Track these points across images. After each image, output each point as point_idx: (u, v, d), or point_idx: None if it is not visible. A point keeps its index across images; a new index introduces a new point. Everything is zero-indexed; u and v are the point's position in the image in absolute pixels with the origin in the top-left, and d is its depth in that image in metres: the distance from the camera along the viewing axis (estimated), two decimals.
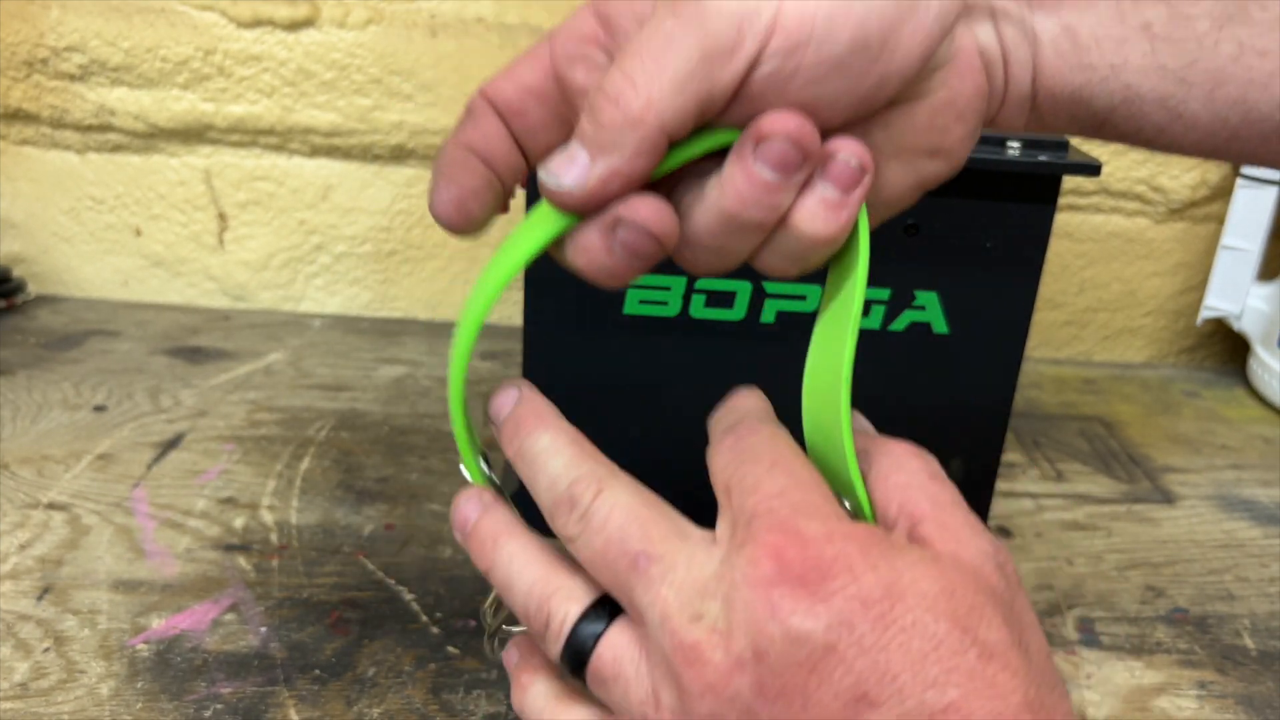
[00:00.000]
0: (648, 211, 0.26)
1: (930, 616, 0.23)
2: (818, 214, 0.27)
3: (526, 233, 0.28)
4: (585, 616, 0.27)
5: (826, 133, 0.27)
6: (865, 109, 0.28)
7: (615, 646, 0.26)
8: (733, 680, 0.23)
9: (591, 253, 0.27)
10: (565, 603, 0.27)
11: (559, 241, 0.28)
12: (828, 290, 0.31)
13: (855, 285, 0.28)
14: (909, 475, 0.27)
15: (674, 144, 0.26)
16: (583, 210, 0.27)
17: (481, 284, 0.29)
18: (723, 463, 0.27)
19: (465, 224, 0.30)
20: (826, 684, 0.22)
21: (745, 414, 0.29)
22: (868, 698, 0.22)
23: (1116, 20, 0.29)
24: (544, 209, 0.28)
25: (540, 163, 0.27)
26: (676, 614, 0.24)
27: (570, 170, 0.26)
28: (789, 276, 0.29)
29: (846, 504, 0.27)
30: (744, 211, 0.26)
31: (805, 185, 0.27)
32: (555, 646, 0.28)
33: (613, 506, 0.27)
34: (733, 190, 0.26)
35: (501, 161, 0.30)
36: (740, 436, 0.28)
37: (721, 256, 0.28)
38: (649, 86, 0.25)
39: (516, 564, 0.29)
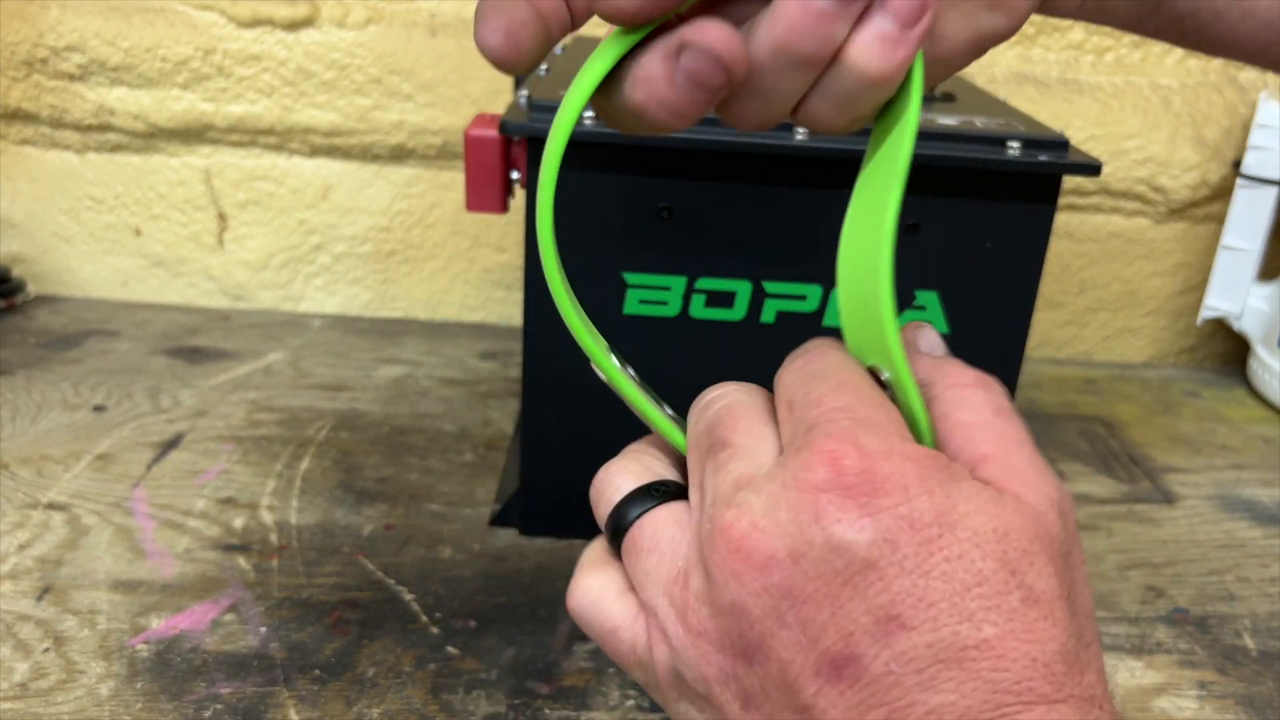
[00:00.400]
0: (714, 34, 0.24)
1: (979, 553, 0.22)
2: (874, 49, 0.25)
3: (592, 63, 0.26)
4: (635, 493, 0.28)
5: None
6: None
7: (657, 521, 0.27)
8: (763, 575, 0.23)
9: (653, 83, 0.25)
10: (620, 477, 0.29)
11: (620, 80, 0.26)
12: (871, 146, 0.28)
13: (904, 140, 0.26)
14: (973, 411, 0.26)
15: None
16: (640, 16, 0.24)
17: (557, 123, 0.27)
18: (789, 380, 0.27)
19: (515, 56, 0.26)
20: (859, 597, 0.22)
21: (819, 343, 0.28)
22: (900, 619, 0.22)
23: None
24: (607, 40, 0.26)
25: None
26: (723, 500, 0.24)
27: None
28: (836, 128, 0.27)
29: (885, 374, 0.26)
30: (796, 42, 0.24)
31: (862, 17, 0.25)
32: (603, 514, 0.29)
33: (725, 400, 0.27)
34: (785, 19, 0.24)
35: (546, 3, 0.27)
36: (810, 358, 0.27)
37: (769, 101, 0.26)
38: None
39: (615, 456, 0.30)
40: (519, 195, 0.53)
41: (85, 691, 0.44)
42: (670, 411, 0.32)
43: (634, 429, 0.57)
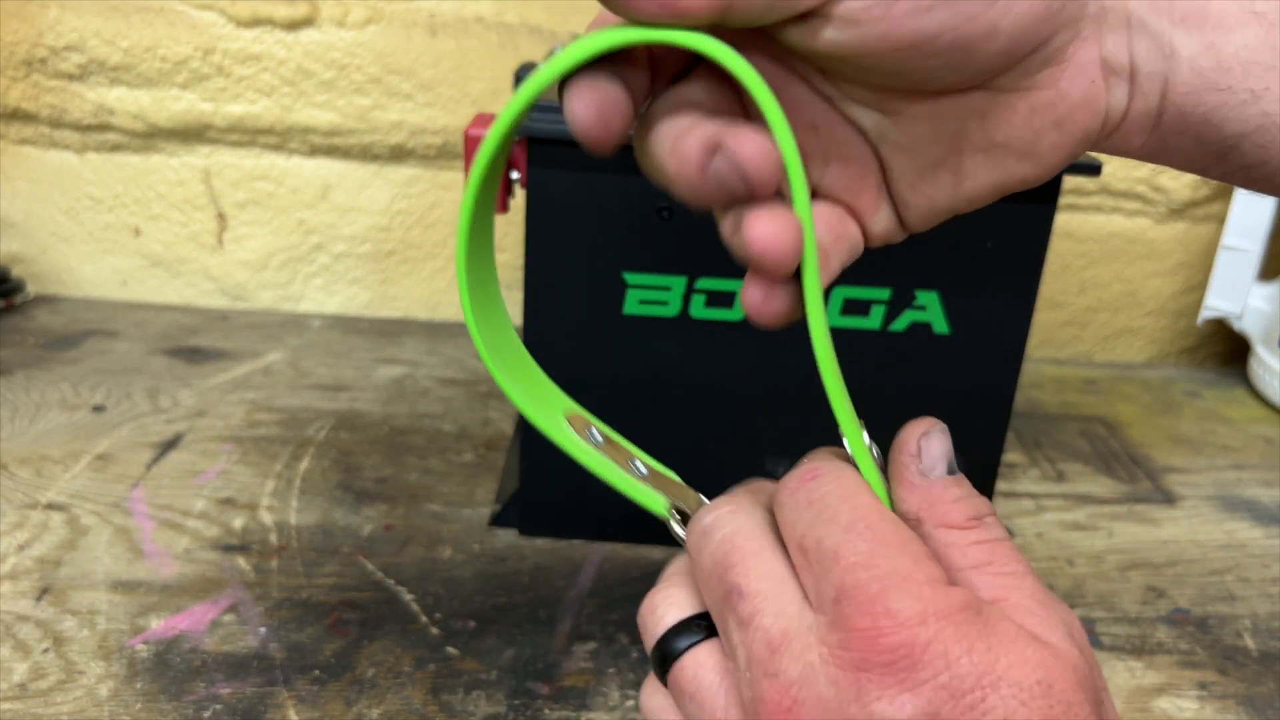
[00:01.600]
0: (750, 148, 0.24)
1: (1025, 712, 0.22)
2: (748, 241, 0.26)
3: (598, 34, 0.25)
4: (682, 625, 0.27)
5: (910, 91, 0.27)
6: (966, 67, 0.26)
7: (699, 663, 0.26)
8: None
9: (687, 166, 0.25)
10: (668, 607, 0.28)
11: (658, 141, 0.26)
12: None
13: (810, 293, 0.26)
14: (968, 557, 0.25)
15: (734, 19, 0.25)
16: (647, 13, 0.24)
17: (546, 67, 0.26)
18: (793, 515, 0.26)
19: (606, 136, 0.26)
20: None
21: (817, 464, 0.27)
22: None
23: (1266, 45, 0.27)
24: (606, 30, 0.25)
25: None
26: (759, 665, 0.24)
27: None
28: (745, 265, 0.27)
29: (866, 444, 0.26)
30: (680, 181, 0.26)
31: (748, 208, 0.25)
32: (649, 645, 0.28)
33: (725, 529, 0.27)
34: (676, 158, 0.25)
35: (633, 76, 0.27)
36: (804, 481, 0.26)
37: (665, 187, 0.27)
38: None
39: (667, 575, 0.30)
40: (519, 195, 0.53)
41: (84, 692, 0.44)
42: (641, 468, 0.31)
43: (633, 430, 0.56)
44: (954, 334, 0.53)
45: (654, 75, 0.27)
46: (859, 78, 0.27)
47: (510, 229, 0.88)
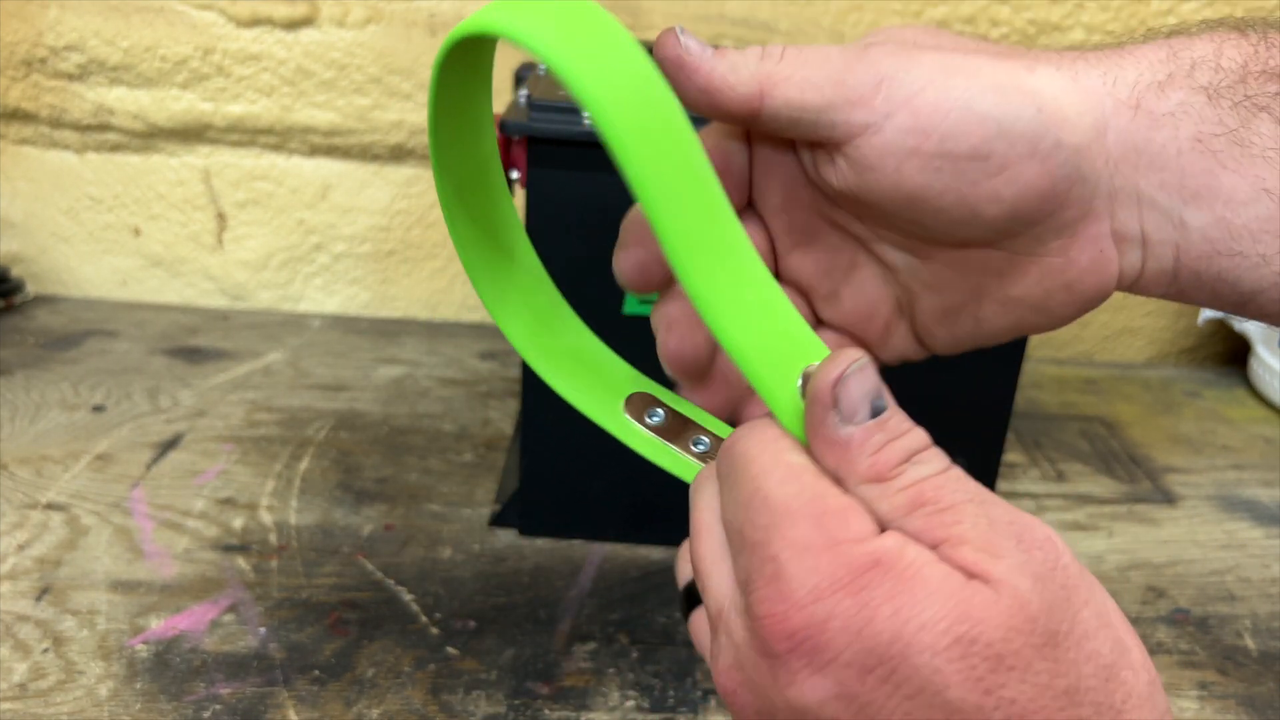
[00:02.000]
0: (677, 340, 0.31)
1: (940, 679, 0.20)
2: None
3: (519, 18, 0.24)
4: (691, 585, 0.29)
5: (927, 238, 0.29)
6: (973, 224, 0.28)
7: (698, 625, 0.29)
8: None
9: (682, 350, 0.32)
10: (684, 563, 0.31)
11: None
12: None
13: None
14: (896, 506, 0.23)
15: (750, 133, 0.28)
16: (671, 66, 0.27)
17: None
18: (715, 489, 0.26)
19: (645, 287, 0.31)
20: None
21: (738, 442, 0.26)
22: None
23: (1276, 219, 0.28)
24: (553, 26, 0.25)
25: (681, 28, 0.28)
26: (711, 646, 0.25)
27: (697, 44, 0.27)
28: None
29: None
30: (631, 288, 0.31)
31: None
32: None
33: (696, 501, 0.27)
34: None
35: None
36: (724, 451, 0.26)
37: None
38: (789, 69, 0.27)
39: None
40: (519, 194, 0.53)
41: (84, 692, 0.44)
42: (705, 442, 0.31)
43: None
44: None
45: None
46: (880, 219, 0.29)
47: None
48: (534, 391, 0.55)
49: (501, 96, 0.84)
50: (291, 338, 0.84)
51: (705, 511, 0.26)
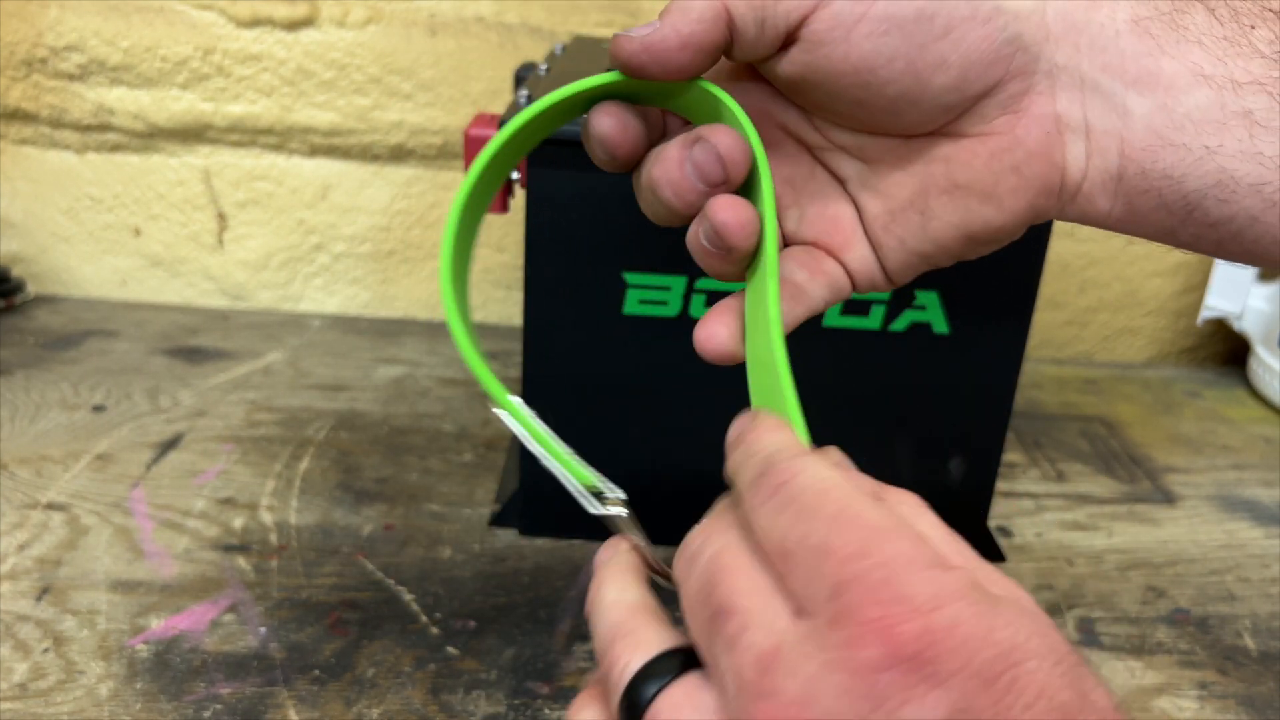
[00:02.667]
0: (724, 138, 0.29)
1: (1050, 684, 0.20)
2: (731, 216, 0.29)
3: (586, 80, 0.30)
4: (649, 668, 0.24)
5: (878, 129, 0.30)
6: (922, 100, 0.29)
7: (675, 705, 0.23)
8: None
9: (668, 164, 0.30)
10: (630, 651, 0.25)
11: (645, 160, 0.31)
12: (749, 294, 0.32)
13: (767, 273, 0.30)
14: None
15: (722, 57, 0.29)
16: (636, 64, 0.28)
17: (530, 110, 0.31)
18: (768, 523, 0.23)
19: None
20: None
21: (770, 453, 0.25)
22: None
23: (1216, 105, 0.28)
24: (606, 74, 0.30)
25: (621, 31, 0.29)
26: (751, 689, 0.21)
27: (643, 25, 0.29)
28: (711, 267, 0.31)
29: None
30: (663, 181, 0.30)
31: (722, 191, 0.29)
32: (614, 697, 0.25)
33: (711, 548, 0.24)
34: (661, 163, 0.30)
35: (650, 115, 0.32)
36: (777, 487, 0.23)
37: (658, 212, 0.32)
38: None
39: (605, 604, 0.27)
40: (519, 195, 0.53)
41: (85, 692, 0.44)
42: (580, 463, 0.34)
43: (632, 430, 0.56)
44: (954, 334, 0.53)
45: (664, 130, 0.32)
46: (832, 108, 0.30)
47: (510, 229, 0.88)
48: (534, 391, 0.55)
49: (502, 97, 0.84)
50: (292, 338, 0.84)
51: (736, 555, 0.24)
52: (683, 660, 0.24)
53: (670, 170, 0.29)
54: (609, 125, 0.30)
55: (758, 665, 0.21)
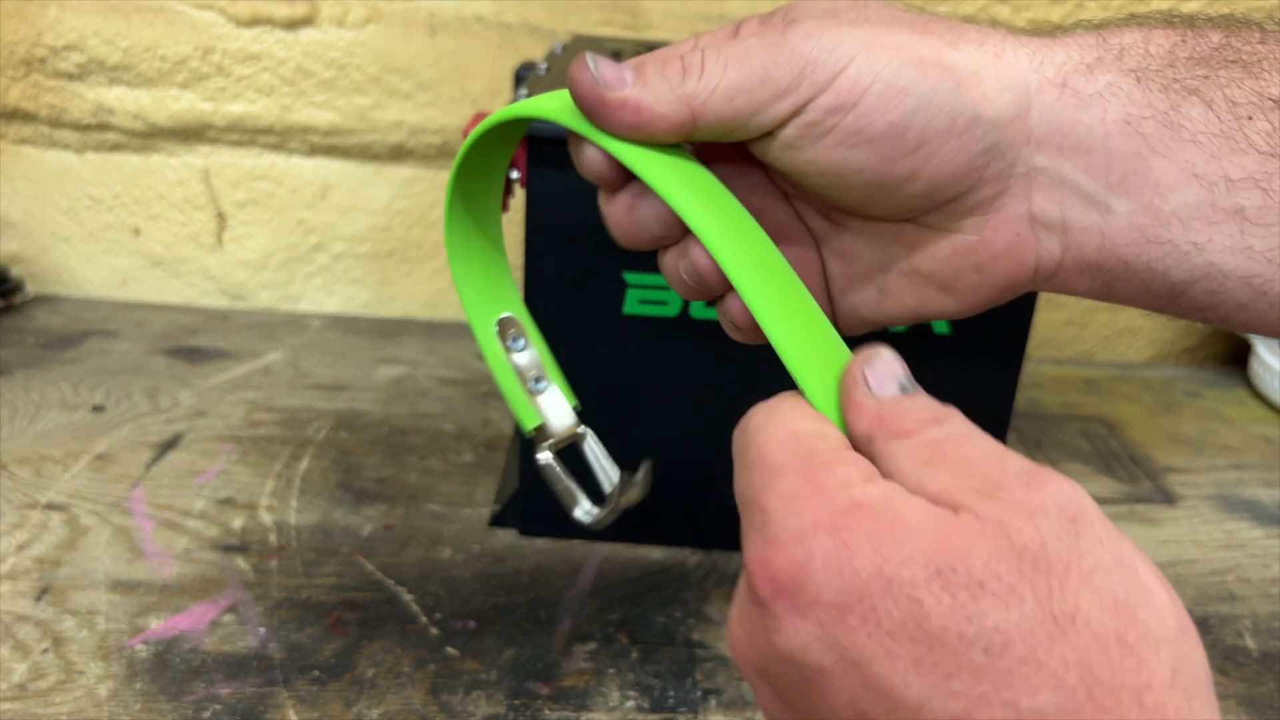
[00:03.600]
0: (705, 260, 0.29)
1: (919, 610, 0.20)
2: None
3: (540, 100, 0.29)
4: None
5: (844, 210, 0.30)
6: (889, 202, 0.29)
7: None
8: (757, 680, 0.24)
9: (616, 214, 0.30)
10: None
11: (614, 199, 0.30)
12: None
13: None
14: (913, 457, 0.23)
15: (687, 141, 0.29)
16: (590, 108, 0.28)
17: (488, 122, 0.30)
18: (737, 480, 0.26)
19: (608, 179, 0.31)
20: (825, 700, 0.21)
21: (750, 413, 0.27)
22: (867, 716, 0.20)
23: (1207, 204, 0.27)
24: (566, 99, 0.29)
25: (592, 55, 0.28)
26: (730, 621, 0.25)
27: (614, 74, 0.27)
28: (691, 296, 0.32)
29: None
30: (625, 240, 0.31)
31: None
32: None
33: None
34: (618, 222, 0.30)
35: None
36: (738, 431, 0.26)
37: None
38: (712, 81, 0.27)
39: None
40: (519, 195, 0.53)
41: (84, 692, 0.44)
42: (540, 387, 0.35)
43: (632, 430, 0.56)
44: (954, 334, 0.53)
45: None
46: (798, 185, 0.30)
47: (510, 229, 0.88)
48: None
49: (501, 97, 0.84)
50: (291, 338, 0.84)
51: None
52: None
53: (640, 241, 0.30)
54: (597, 164, 0.30)
55: (735, 602, 0.24)
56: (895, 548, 0.20)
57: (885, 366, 0.26)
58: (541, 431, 0.35)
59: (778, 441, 0.24)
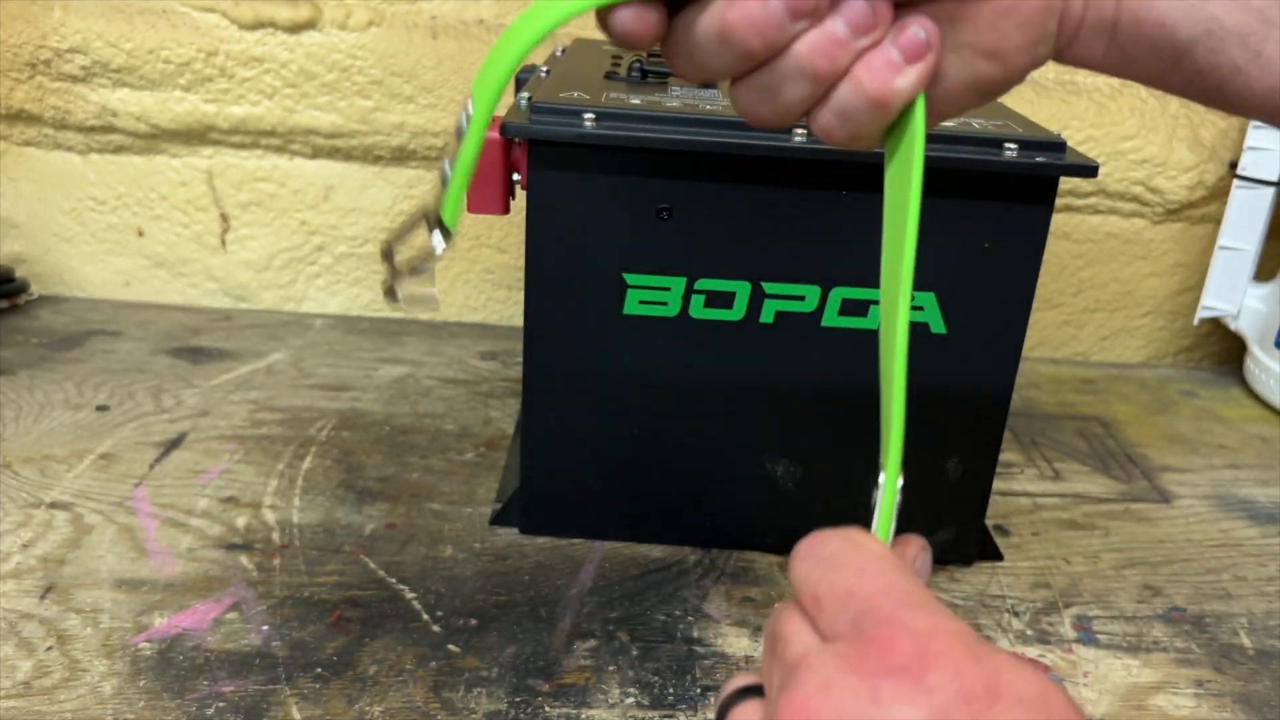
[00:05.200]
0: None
1: (1029, 717, 0.23)
2: (878, 73, 0.29)
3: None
4: (740, 690, 0.29)
5: (899, 6, 0.29)
6: None
7: (744, 712, 0.29)
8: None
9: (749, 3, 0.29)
10: (739, 679, 0.31)
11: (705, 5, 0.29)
12: (886, 197, 0.32)
13: (912, 179, 0.30)
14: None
15: None
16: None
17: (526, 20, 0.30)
18: (804, 572, 0.28)
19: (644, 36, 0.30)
20: None
21: (818, 534, 0.29)
22: None
23: None
24: None
25: None
26: (783, 682, 0.26)
27: None
28: (837, 139, 0.30)
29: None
30: (812, 61, 0.28)
31: (875, 45, 0.29)
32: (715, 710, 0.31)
33: (776, 611, 0.29)
34: (806, 39, 0.28)
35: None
36: (814, 546, 0.28)
37: (777, 102, 0.30)
38: None
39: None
40: (520, 196, 0.53)
41: (88, 690, 0.44)
42: (447, 170, 0.33)
43: (632, 429, 0.57)
44: (951, 334, 0.53)
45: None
46: None
47: (511, 230, 0.89)
48: (534, 391, 0.55)
49: (503, 99, 0.84)
50: (294, 338, 0.84)
51: (791, 609, 0.28)
52: (759, 692, 0.29)
53: (752, 9, 0.28)
54: (629, 21, 0.28)
55: (790, 665, 0.26)
56: (1006, 669, 0.24)
57: (924, 559, 0.30)
58: (443, 227, 0.34)
59: (886, 559, 0.27)
